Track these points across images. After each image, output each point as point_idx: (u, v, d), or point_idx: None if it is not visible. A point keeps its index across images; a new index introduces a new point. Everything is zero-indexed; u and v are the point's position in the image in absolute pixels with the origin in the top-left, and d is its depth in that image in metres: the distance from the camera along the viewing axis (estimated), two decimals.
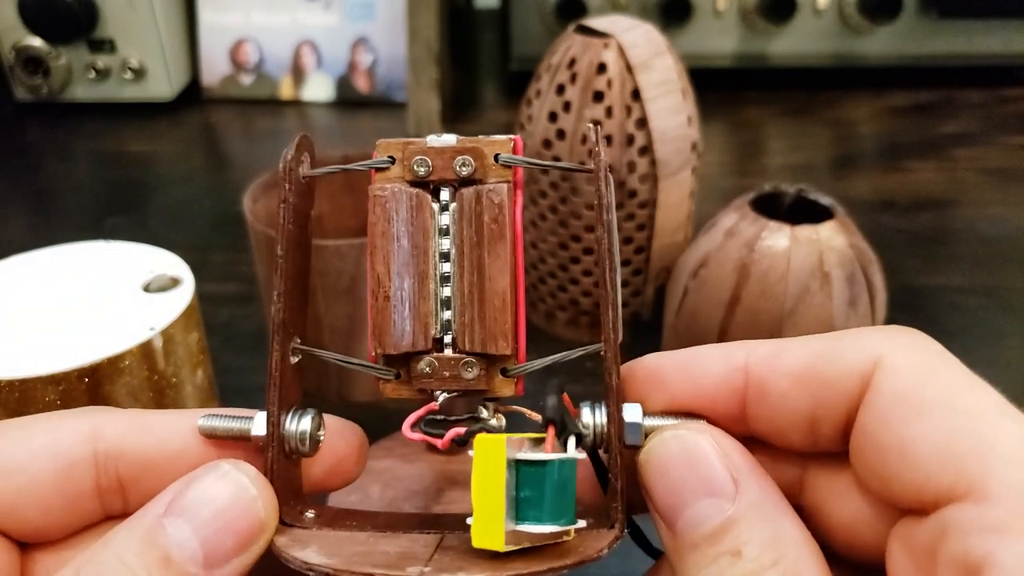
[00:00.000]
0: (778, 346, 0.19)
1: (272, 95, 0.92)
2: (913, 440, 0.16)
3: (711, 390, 0.19)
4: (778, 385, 0.18)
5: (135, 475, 0.20)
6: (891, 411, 0.16)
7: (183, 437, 0.20)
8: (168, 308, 0.34)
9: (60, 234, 0.41)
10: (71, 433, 0.20)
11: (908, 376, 0.17)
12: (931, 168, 0.76)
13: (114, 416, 0.20)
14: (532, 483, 0.18)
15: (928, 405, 0.16)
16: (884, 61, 0.90)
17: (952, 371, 0.17)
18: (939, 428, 0.16)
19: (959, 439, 0.16)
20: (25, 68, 0.86)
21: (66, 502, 0.19)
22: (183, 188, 0.75)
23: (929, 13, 0.87)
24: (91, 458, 0.20)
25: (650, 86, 0.46)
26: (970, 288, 0.58)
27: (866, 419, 0.17)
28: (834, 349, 0.18)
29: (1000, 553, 0.14)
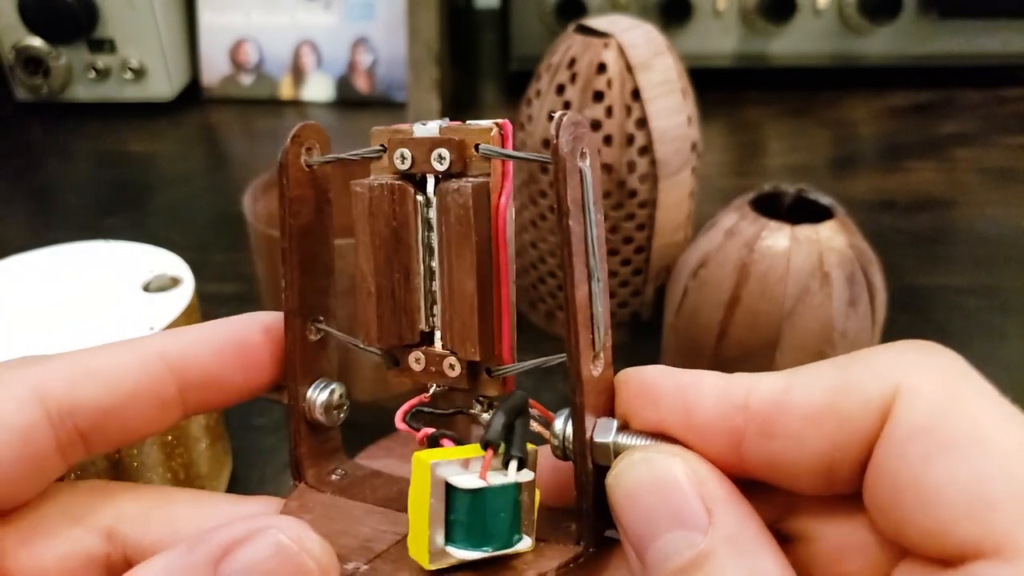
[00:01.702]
0: (785, 381, 0.17)
1: (272, 95, 0.92)
2: (936, 481, 0.14)
3: (704, 425, 0.17)
4: (789, 427, 0.16)
5: (94, 424, 0.20)
6: (911, 446, 0.14)
7: (134, 375, 0.20)
8: (168, 308, 0.34)
9: (60, 234, 0.41)
10: (19, 401, 0.19)
11: (932, 405, 0.15)
12: (931, 168, 0.76)
13: (54, 368, 0.20)
14: (460, 508, 0.18)
15: (954, 441, 0.14)
16: (884, 61, 0.90)
17: (983, 400, 0.15)
18: (967, 469, 0.14)
19: (990, 484, 0.13)
20: (25, 68, 0.86)
21: (29, 467, 0.19)
22: (183, 188, 0.75)
23: (929, 13, 0.87)
24: (45, 419, 0.19)
25: (650, 86, 0.46)
26: (970, 288, 0.58)
27: (883, 454, 0.15)
28: (849, 381, 0.16)
29: None
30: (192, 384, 0.21)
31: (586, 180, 0.18)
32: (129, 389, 0.20)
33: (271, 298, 0.45)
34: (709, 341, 0.41)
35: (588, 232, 0.18)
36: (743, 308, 0.40)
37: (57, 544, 0.20)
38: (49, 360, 0.20)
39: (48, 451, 0.19)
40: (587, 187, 0.18)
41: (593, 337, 0.18)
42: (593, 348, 0.18)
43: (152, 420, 0.21)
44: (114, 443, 0.20)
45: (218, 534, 0.16)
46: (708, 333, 0.42)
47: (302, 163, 0.22)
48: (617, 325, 0.53)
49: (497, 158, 0.19)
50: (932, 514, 0.14)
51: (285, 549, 0.16)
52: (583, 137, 0.18)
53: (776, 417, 0.16)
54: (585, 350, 0.18)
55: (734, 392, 0.17)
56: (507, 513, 0.18)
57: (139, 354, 0.20)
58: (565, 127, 0.17)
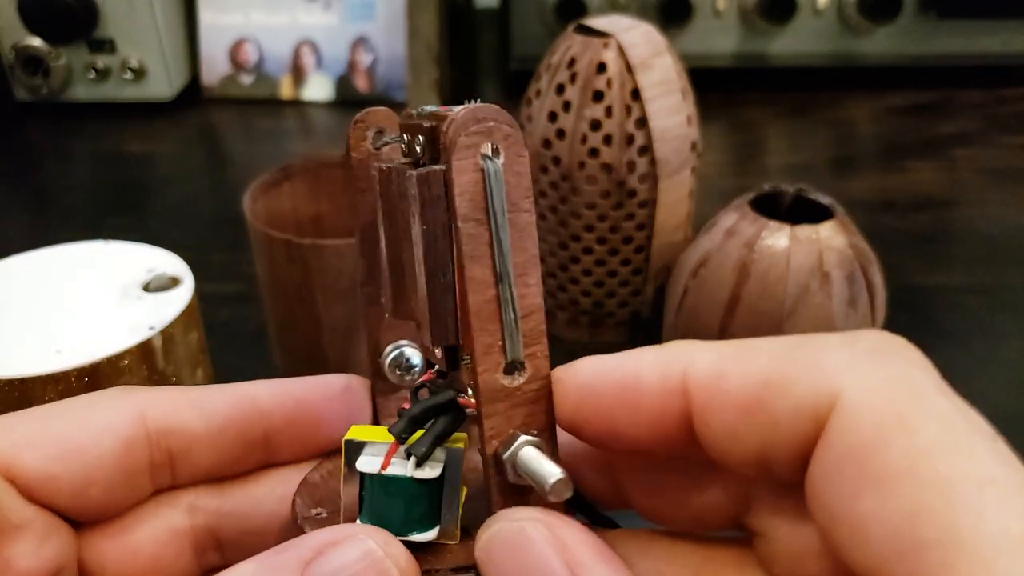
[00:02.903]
0: (720, 364, 0.16)
1: (272, 95, 0.92)
2: (867, 517, 0.13)
3: (651, 418, 0.16)
4: (723, 418, 0.15)
5: (184, 450, 0.21)
6: (844, 474, 0.13)
7: (225, 410, 0.21)
8: (168, 308, 0.34)
9: (60, 234, 0.41)
10: (125, 414, 0.20)
11: (868, 428, 0.13)
12: (931, 168, 0.76)
13: (157, 394, 0.21)
14: (365, 486, 0.19)
15: (888, 473, 0.13)
16: (884, 61, 0.90)
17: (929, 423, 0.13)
18: (898, 506, 0.12)
19: (922, 523, 0.12)
20: (25, 68, 0.86)
21: (126, 479, 0.20)
22: (183, 188, 0.75)
23: (929, 13, 0.86)
24: (144, 436, 0.20)
25: (650, 86, 0.46)
26: (970, 288, 0.58)
27: (818, 475, 0.14)
28: (786, 377, 0.14)
29: None
30: (277, 430, 0.22)
31: (490, 178, 0.17)
32: (220, 423, 0.21)
33: (271, 298, 0.45)
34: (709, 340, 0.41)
35: (493, 234, 0.17)
36: (743, 308, 0.40)
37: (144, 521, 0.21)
38: (153, 388, 0.22)
39: (143, 466, 0.20)
40: (492, 186, 0.17)
41: (504, 344, 0.18)
42: (504, 355, 0.18)
43: (237, 458, 0.22)
44: (198, 474, 0.21)
45: (308, 538, 0.17)
46: (708, 333, 0.42)
47: (368, 147, 0.22)
48: (617, 325, 0.53)
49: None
50: (864, 551, 0.13)
51: (372, 554, 0.16)
52: (493, 132, 0.17)
53: (710, 405, 0.15)
54: (484, 357, 0.18)
55: (672, 377, 0.16)
56: (402, 503, 0.18)
57: (233, 393, 0.22)
58: (460, 123, 0.17)
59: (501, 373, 0.18)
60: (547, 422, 0.18)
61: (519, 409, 0.18)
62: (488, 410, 0.18)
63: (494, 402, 0.18)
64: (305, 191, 0.49)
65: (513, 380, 0.18)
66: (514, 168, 0.17)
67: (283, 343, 0.47)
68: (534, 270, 0.18)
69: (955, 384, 0.15)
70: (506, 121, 0.17)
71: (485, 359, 0.18)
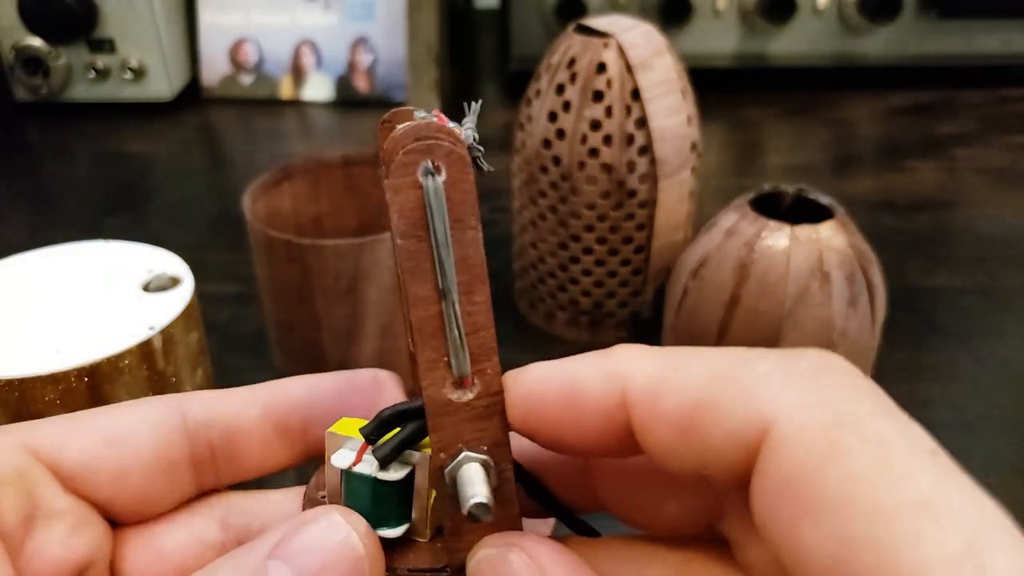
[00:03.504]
0: (658, 380, 0.16)
1: (272, 95, 0.92)
2: (804, 546, 0.13)
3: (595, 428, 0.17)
4: (660, 436, 0.15)
5: (225, 441, 0.21)
6: (780, 505, 0.13)
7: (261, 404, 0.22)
8: (168, 308, 0.34)
9: (60, 234, 0.41)
10: (164, 408, 0.21)
11: (801, 457, 0.13)
12: (931, 168, 0.76)
13: (197, 393, 0.22)
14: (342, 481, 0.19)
15: (823, 502, 0.13)
16: (884, 61, 0.90)
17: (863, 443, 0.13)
18: (835, 535, 0.12)
19: (860, 551, 0.12)
20: (25, 68, 0.86)
21: (164, 472, 0.20)
22: (183, 188, 0.75)
23: (929, 13, 0.87)
24: (182, 428, 0.21)
25: (650, 86, 0.46)
26: (970, 288, 0.58)
27: (757, 504, 0.14)
28: (719, 400, 0.14)
29: None
30: (315, 422, 0.22)
31: (430, 195, 0.17)
32: (259, 413, 0.21)
33: (271, 298, 0.45)
34: (709, 341, 0.41)
35: (434, 251, 0.17)
36: (743, 308, 0.40)
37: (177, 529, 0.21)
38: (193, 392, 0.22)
39: (181, 459, 0.21)
40: (431, 204, 0.17)
41: (449, 359, 0.18)
42: (450, 371, 0.18)
43: (277, 451, 0.22)
44: (241, 469, 0.22)
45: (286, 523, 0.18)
46: (708, 333, 0.42)
47: None
48: (617, 325, 0.53)
49: None
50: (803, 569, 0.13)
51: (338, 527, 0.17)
52: (433, 150, 0.17)
53: (648, 423, 0.16)
54: (428, 372, 0.18)
55: (614, 388, 0.16)
56: (369, 500, 0.19)
57: (270, 386, 0.22)
58: (398, 141, 0.17)
59: (449, 388, 0.18)
60: (499, 438, 0.18)
61: (468, 424, 0.18)
62: (434, 423, 0.18)
63: (440, 416, 0.18)
64: (305, 191, 0.49)
65: (462, 395, 0.18)
66: (458, 185, 0.17)
67: (283, 343, 0.47)
68: (481, 287, 0.18)
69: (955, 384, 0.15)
70: (448, 138, 0.17)
71: (429, 374, 0.18)
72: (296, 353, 0.46)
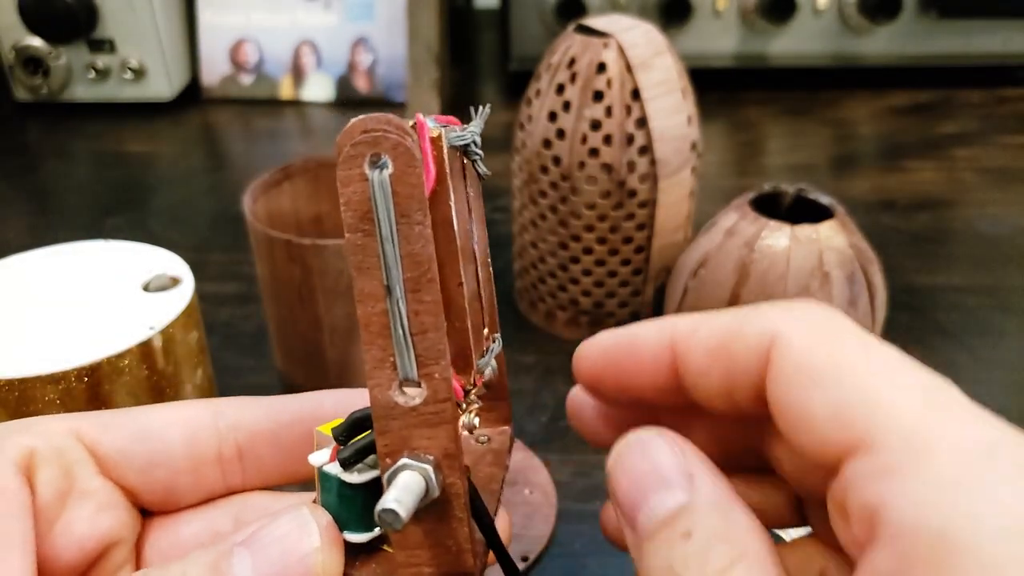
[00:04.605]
0: (696, 321, 0.20)
1: (272, 95, 0.92)
2: (810, 407, 0.17)
3: (649, 367, 0.21)
4: (696, 360, 0.20)
5: (252, 443, 0.22)
6: (788, 383, 0.18)
7: (292, 412, 0.22)
8: (168, 308, 0.34)
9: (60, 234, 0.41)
10: (197, 408, 0.22)
11: (802, 349, 0.18)
12: (931, 168, 0.76)
13: (231, 400, 0.23)
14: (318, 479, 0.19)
15: (820, 373, 0.17)
16: (884, 61, 0.90)
17: (845, 339, 0.18)
18: (830, 393, 0.17)
19: (848, 400, 0.16)
20: (25, 68, 0.86)
21: (192, 466, 0.22)
22: (183, 188, 0.75)
23: (929, 13, 0.87)
24: (213, 427, 0.22)
25: (650, 86, 0.46)
26: (970, 288, 0.58)
27: (771, 392, 0.18)
28: (739, 325, 0.19)
29: (888, 496, 0.15)
30: None
31: (376, 189, 0.16)
32: (287, 420, 0.22)
33: (271, 298, 0.45)
34: None
35: (383, 245, 0.17)
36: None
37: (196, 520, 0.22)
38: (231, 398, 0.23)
39: (210, 458, 0.22)
40: (376, 197, 0.16)
41: (395, 360, 0.17)
42: (396, 372, 0.17)
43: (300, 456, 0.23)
44: (268, 474, 0.23)
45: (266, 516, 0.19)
46: None
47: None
48: (617, 325, 0.53)
49: None
50: (813, 434, 0.17)
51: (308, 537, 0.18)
52: (380, 142, 0.16)
53: (687, 351, 0.20)
54: (375, 372, 0.17)
55: (663, 333, 0.20)
56: (336, 501, 0.19)
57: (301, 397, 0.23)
58: (346, 133, 0.16)
59: (395, 390, 0.17)
60: (448, 449, 0.17)
61: (417, 431, 0.17)
62: (380, 426, 0.17)
63: (386, 419, 0.17)
64: (305, 191, 0.49)
65: (409, 399, 0.17)
66: (405, 179, 0.16)
67: (283, 343, 0.47)
68: (429, 286, 0.17)
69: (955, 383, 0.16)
70: (396, 130, 0.16)
71: (376, 373, 0.17)
72: (296, 353, 0.46)
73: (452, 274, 0.19)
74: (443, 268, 0.18)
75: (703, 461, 0.19)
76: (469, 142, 0.20)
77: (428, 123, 0.18)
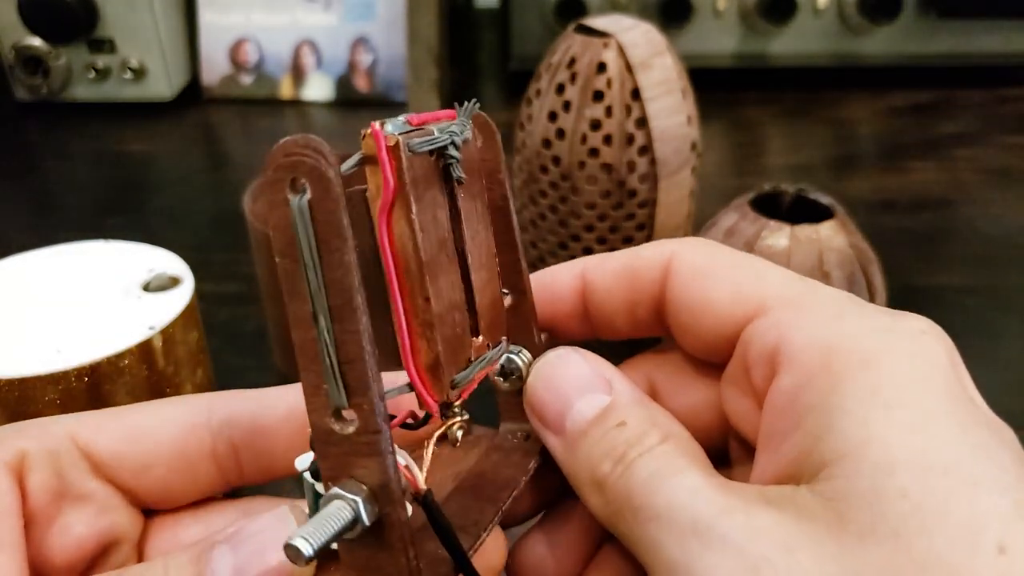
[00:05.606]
0: (605, 255, 0.23)
1: (272, 95, 0.92)
2: (710, 295, 0.21)
3: (561, 294, 0.23)
4: (603, 281, 0.23)
5: (246, 439, 0.22)
6: (688, 281, 0.21)
7: (287, 404, 0.23)
8: (168, 308, 0.34)
9: (60, 234, 0.41)
10: (190, 405, 0.22)
11: (698, 258, 0.21)
12: (931, 168, 0.76)
13: (225, 394, 0.23)
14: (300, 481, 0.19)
15: (716, 269, 0.21)
16: (884, 61, 0.90)
17: (725, 250, 0.22)
18: (727, 280, 0.21)
19: (742, 283, 0.21)
20: (25, 68, 0.86)
21: (186, 465, 0.22)
22: (183, 188, 0.75)
23: (929, 13, 0.87)
24: (206, 425, 0.22)
25: (650, 86, 0.46)
26: (970, 288, 0.58)
27: (672, 291, 0.22)
28: (641, 250, 0.23)
29: (785, 334, 0.19)
30: None
31: (295, 216, 0.16)
32: (281, 415, 0.22)
33: (271, 298, 0.45)
34: None
35: (306, 273, 0.16)
36: None
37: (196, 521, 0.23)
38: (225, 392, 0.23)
39: (204, 454, 0.22)
40: (298, 224, 0.16)
41: (326, 387, 0.17)
42: (327, 400, 0.17)
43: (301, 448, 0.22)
44: (267, 468, 0.23)
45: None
46: None
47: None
48: None
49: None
50: (714, 314, 0.21)
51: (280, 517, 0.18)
52: (297, 167, 0.16)
53: (595, 276, 0.23)
54: (311, 398, 0.17)
55: (576, 266, 0.23)
56: (312, 504, 0.19)
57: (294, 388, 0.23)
58: (271, 156, 0.16)
59: (331, 417, 0.17)
60: (384, 479, 0.17)
61: (353, 459, 0.17)
62: (319, 451, 0.17)
63: (326, 445, 0.17)
64: None
65: (344, 427, 0.17)
66: (321, 205, 0.16)
67: (283, 343, 0.47)
68: (353, 315, 0.16)
69: None
70: (313, 155, 0.16)
71: (312, 400, 0.17)
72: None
73: (417, 288, 0.18)
74: (406, 282, 0.18)
75: (614, 368, 0.21)
76: (442, 145, 0.19)
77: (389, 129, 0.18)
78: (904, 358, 0.18)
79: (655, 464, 0.18)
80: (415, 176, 0.18)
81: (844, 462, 0.16)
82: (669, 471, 0.18)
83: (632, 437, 0.19)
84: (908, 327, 0.19)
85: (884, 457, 0.16)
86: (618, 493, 0.19)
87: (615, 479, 0.19)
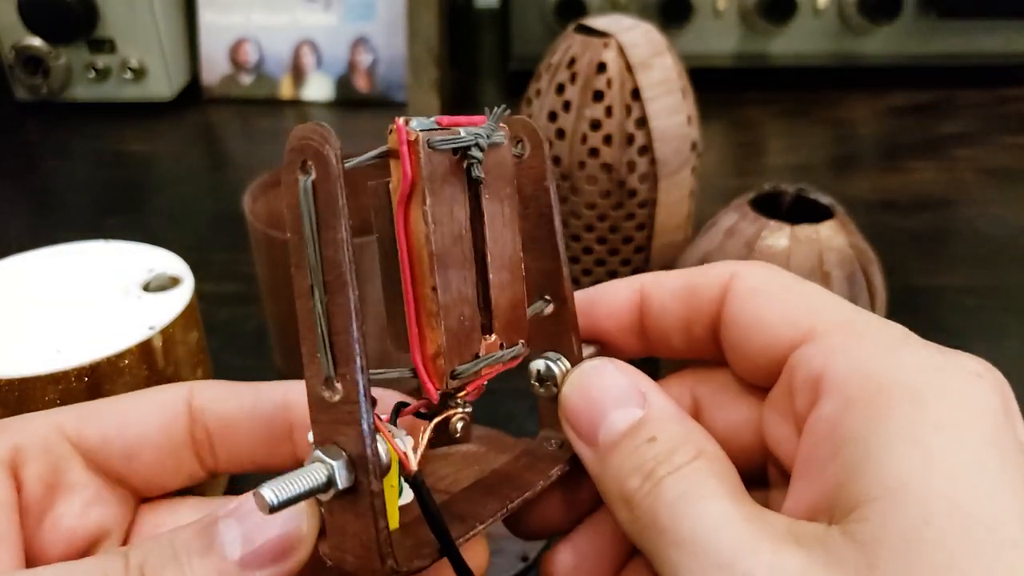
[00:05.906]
0: (664, 272, 0.23)
1: (272, 95, 0.92)
2: (764, 315, 0.21)
3: (618, 308, 0.23)
4: (660, 298, 0.23)
5: (221, 429, 0.23)
6: (745, 300, 0.21)
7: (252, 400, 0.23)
8: (168, 307, 0.34)
9: (60, 234, 0.41)
10: (173, 393, 0.23)
11: (756, 279, 0.22)
12: (931, 168, 0.76)
13: (206, 383, 0.24)
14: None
15: (772, 291, 0.21)
16: (884, 61, 0.90)
17: (787, 276, 0.22)
18: (781, 303, 0.21)
19: (795, 306, 0.21)
20: (25, 68, 0.86)
21: (170, 451, 0.23)
22: (183, 188, 0.75)
23: (929, 13, 0.86)
24: (187, 413, 0.23)
25: (650, 86, 0.46)
26: (970, 288, 0.58)
27: (728, 309, 0.22)
28: (701, 270, 0.23)
29: (830, 362, 0.19)
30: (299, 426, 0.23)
31: (301, 194, 0.18)
32: (249, 410, 0.23)
33: (271, 298, 0.45)
34: None
35: (308, 247, 0.18)
36: None
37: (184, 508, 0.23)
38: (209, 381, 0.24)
39: (184, 441, 0.23)
40: (302, 201, 0.17)
41: (319, 356, 0.18)
42: (320, 368, 0.18)
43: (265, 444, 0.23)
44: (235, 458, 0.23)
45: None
46: None
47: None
48: None
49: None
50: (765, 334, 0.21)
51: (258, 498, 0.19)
52: (305, 150, 0.18)
53: (653, 292, 0.23)
54: (309, 364, 0.18)
55: (634, 283, 0.24)
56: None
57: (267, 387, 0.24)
58: (289, 140, 0.18)
59: (323, 385, 0.18)
60: (360, 450, 0.18)
61: (338, 426, 0.18)
62: (312, 416, 0.18)
63: (318, 411, 0.18)
64: None
65: (332, 395, 0.18)
66: (322, 185, 0.17)
67: (283, 343, 0.47)
68: (343, 290, 0.17)
69: None
70: (319, 139, 0.17)
71: (309, 367, 0.18)
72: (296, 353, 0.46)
73: (423, 277, 0.19)
74: (415, 271, 0.19)
75: (650, 380, 0.21)
76: (465, 145, 0.19)
77: (413, 125, 0.19)
78: (954, 399, 0.17)
79: (683, 485, 0.18)
80: (433, 170, 0.19)
81: (879, 504, 0.16)
82: (697, 495, 0.18)
83: (661, 453, 0.19)
84: (962, 367, 0.18)
85: (921, 505, 0.15)
86: (644, 511, 0.18)
87: (642, 496, 0.19)
